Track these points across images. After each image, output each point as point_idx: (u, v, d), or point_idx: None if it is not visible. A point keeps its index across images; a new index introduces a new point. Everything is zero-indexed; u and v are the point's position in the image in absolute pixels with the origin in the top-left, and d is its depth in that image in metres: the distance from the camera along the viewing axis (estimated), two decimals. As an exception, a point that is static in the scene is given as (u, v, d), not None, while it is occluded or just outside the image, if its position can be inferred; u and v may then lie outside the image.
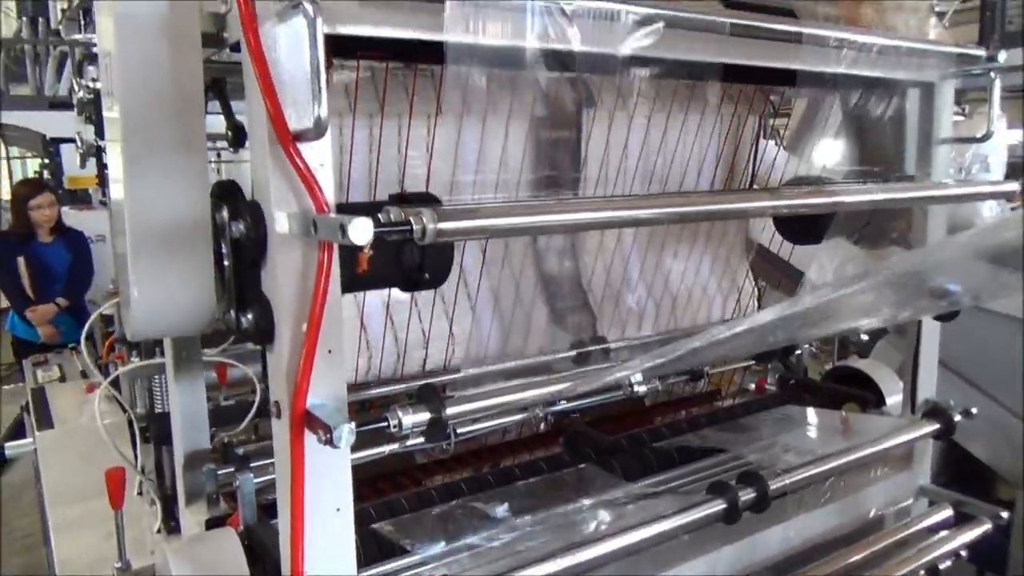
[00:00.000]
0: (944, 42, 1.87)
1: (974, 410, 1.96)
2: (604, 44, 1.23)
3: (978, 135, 2.04)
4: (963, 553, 1.92)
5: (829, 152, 2.12)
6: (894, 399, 2.18)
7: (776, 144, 2.61)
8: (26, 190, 5.07)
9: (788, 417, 2.07)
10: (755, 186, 2.24)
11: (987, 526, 1.92)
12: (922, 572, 1.91)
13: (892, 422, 2.04)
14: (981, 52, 1.86)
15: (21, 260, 4.85)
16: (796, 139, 2.59)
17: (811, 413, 2.08)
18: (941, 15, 2.09)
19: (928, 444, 2.04)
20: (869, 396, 2.19)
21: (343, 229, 0.90)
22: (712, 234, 2.27)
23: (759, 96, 2.17)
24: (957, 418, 1.92)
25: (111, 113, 1.24)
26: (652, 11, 1.27)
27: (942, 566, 1.92)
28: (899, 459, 2.03)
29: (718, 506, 1.46)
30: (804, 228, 2.04)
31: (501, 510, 1.42)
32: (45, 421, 2.89)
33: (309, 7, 0.93)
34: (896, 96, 1.95)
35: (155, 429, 2.07)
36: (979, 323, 3.04)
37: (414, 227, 0.96)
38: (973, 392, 3.14)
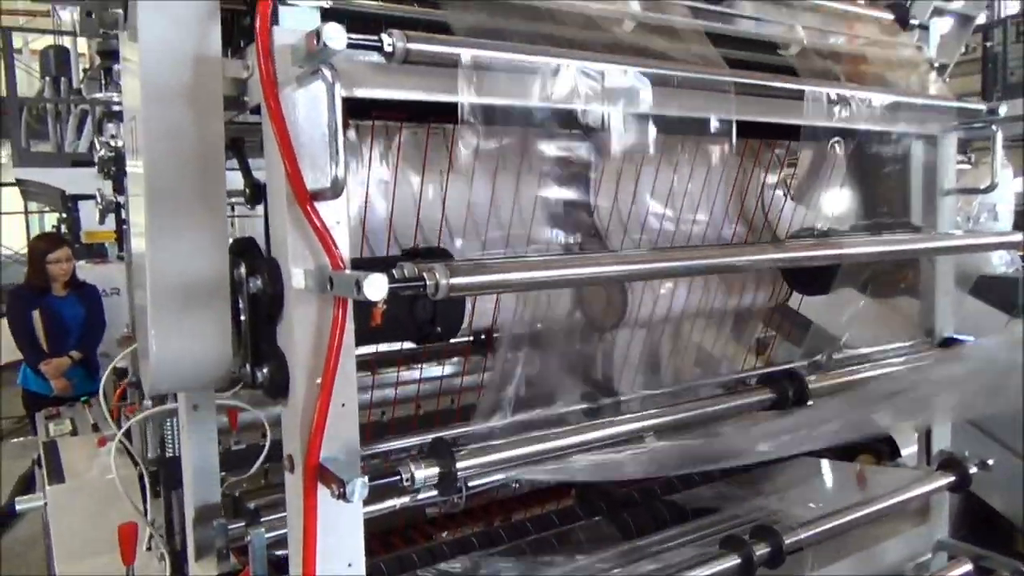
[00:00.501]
0: (945, 96, 1.91)
1: (990, 461, 1.94)
2: (608, 103, 1.27)
3: (982, 186, 2.06)
4: (985, 611, 1.88)
5: (836, 202, 2.14)
6: (909, 451, 2.16)
7: (784, 195, 2.64)
8: (45, 244, 5.16)
9: (802, 469, 2.04)
10: (766, 235, 2.25)
11: (1009, 583, 1.88)
12: (944, 630, 1.88)
13: (908, 474, 2.02)
14: (982, 106, 1.89)
15: (36, 314, 4.91)
16: (803, 189, 2.62)
17: (825, 465, 2.06)
18: (943, 68, 2.14)
19: (945, 496, 2.01)
20: (884, 448, 2.17)
21: (359, 285, 0.92)
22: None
23: (765, 149, 2.20)
24: (973, 470, 1.89)
25: (135, 169, 1.28)
26: (661, 71, 1.31)
27: (964, 623, 1.88)
28: (916, 512, 2.00)
29: (732, 561, 1.45)
30: (812, 278, 2.05)
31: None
32: (56, 475, 2.89)
33: (328, 73, 0.97)
34: (900, 147, 1.99)
35: (165, 474, 2.07)
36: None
37: (427, 283, 0.98)
38: (990, 443, 3.10)
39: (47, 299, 4.94)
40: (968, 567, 1.92)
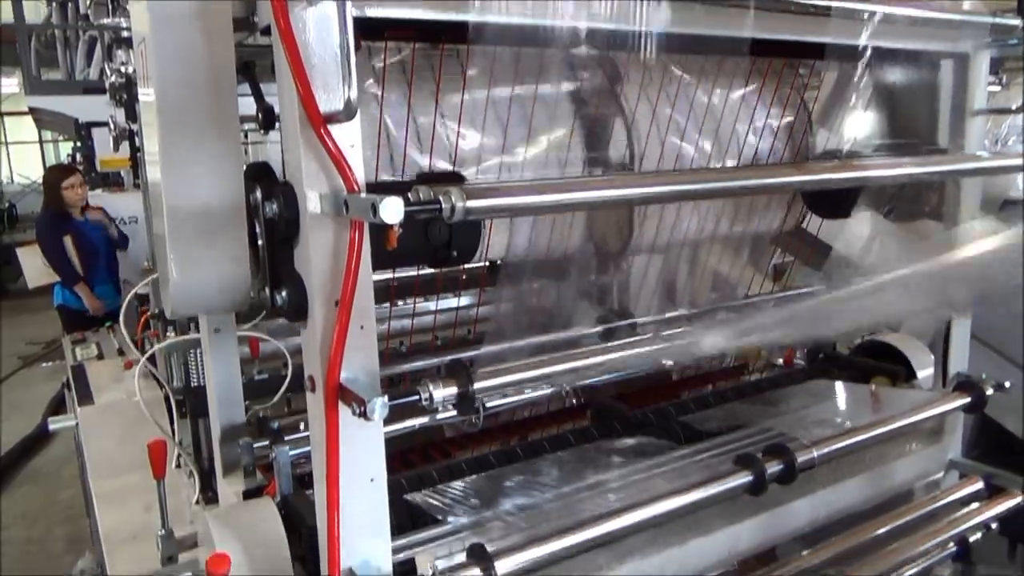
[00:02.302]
0: (979, 11, 1.83)
1: (1007, 383, 1.94)
2: (629, 21, 1.23)
3: (1014, 107, 2.00)
4: (993, 526, 1.91)
5: (860, 125, 2.09)
6: (925, 373, 2.17)
7: (807, 118, 2.58)
8: (58, 173, 5.48)
9: (816, 391, 2.06)
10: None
11: (1019, 499, 1.91)
12: (951, 544, 1.92)
13: (922, 395, 2.03)
14: (1017, 22, 1.82)
15: (68, 239, 5.11)
16: (826, 112, 2.56)
17: (839, 387, 2.08)
18: (976, -18, 2.04)
19: (959, 417, 2.02)
20: (899, 370, 2.17)
21: (374, 208, 0.92)
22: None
23: (787, 69, 2.14)
24: (989, 391, 1.90)
25: (146, 97, 1.27)
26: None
27: (972, 539, 1.92)
28: (929, 432, 2.02)
29: (744, 478, 1.47)
30: (833, 202, 2.02)
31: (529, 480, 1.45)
32: (85, 397, 2.98)
33: (338, -10, 0.95)
34: (929, 67, 1.92)
35: (191, 402, 2.14)
36: (1014, 296, 2.99)
37: (443, 205, 0.98)
38: (1007, 366, 3.10)
39: (73, 223, 5.19)
40: (979, 485, 1.95)
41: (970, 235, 1.83)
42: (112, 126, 4.18)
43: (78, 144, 7.65)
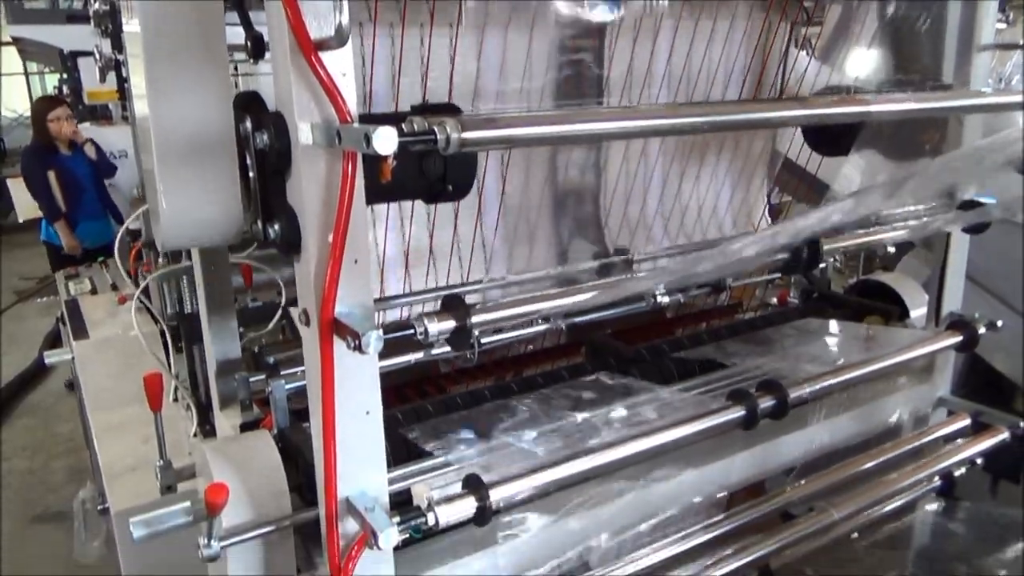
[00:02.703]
0: (988, -59, 1.77)
1: (999, 323, 1.95)
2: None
3: (1021, 41, 1.96)
4: (979, 461, 1.95)
5: (863, 62, 2.05)
6: (918, 312, 2.18)
7: (808, 54, 2.53)
8: (45, 104, 5.29)
9: (809, 329, 2.07)
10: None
11: (1004, 435, 1.95)
12: (936, 479, 1.96)
13: (914, 334, 2.04)
14: (1028, -49, 1.77)
15: (52, 174, 5.02)
16: (829, 48, 2.50)
17: (833, 325, 2.09)
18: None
19: (950, 356, 2.04)
20: (893, 309, 2.18)
21: (367, 138, 0.90)
22: (739, 148, 2.23)
23: (792, 3, 2.09)
24: (982, 330, 1.91)
25: (130, 27, 1.23)
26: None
27: (957, 473, 1.96)
28: (920, 371, 2.04)
29: (737, 413, 1.49)
30: (833, 139, 2.00)
31: (524, 414, 1.46)
32: (80, 331, 2.98)
33: (328, -93, 0.90)
34: (935, 1, 1.87)
35: (186, 329, 2.14)
36: (1009, 237, 2.99)
37: (438, 136, 0.96)
38: (999, 307, 3.12)
39: (58, 158, 5.10)
40: (966, 422, 1.98)
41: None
42: (97, 56, 4.07)
43: (64, 76, 7.48)
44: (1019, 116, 2.61)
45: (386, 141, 0.89)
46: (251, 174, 1.18)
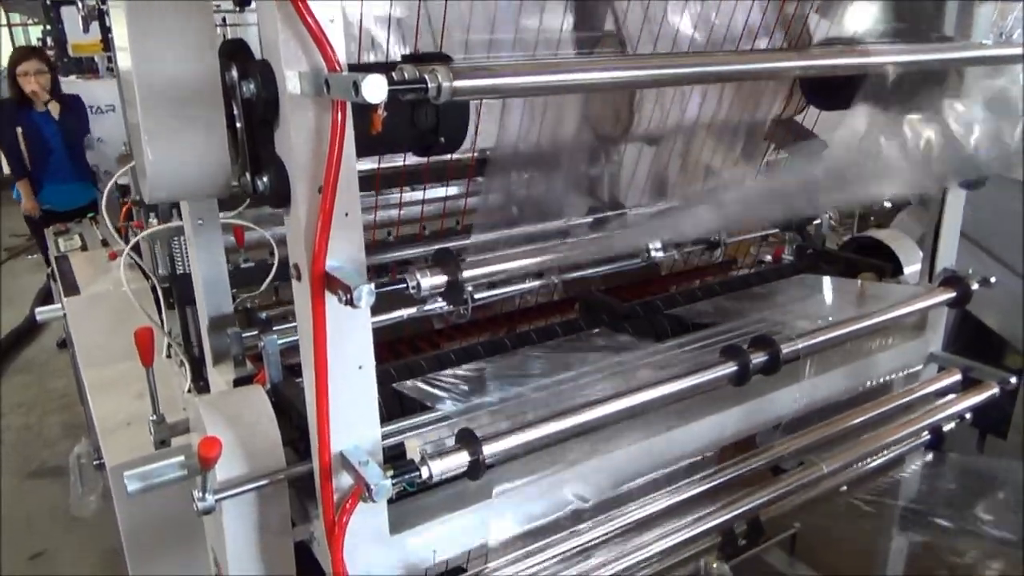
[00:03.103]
0: None
1: (992, 279, 1.95)
2: None
3: (1024, -7, 1.92)
4: (967, 416, 1.97)
5: (864, 15, 2.01)
6: (912, 268, 2.18)
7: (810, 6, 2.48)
8: (16, 57, 4.93)
9: (803, 286, 2.07)
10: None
11: (994, 390, 1.96)
12: (925, 433, 1.98)
13: (907, 290, 2.04)
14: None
15: (20, 130, 4.82)
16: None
17: (827, 282, 2.08)
18: None
19: (942, 312, 2.05)
20: (886, 265, 2.18)
21: (356, 87, 0.87)
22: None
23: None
24: (975, 287, 1.91)
25: (111, -29, 1.19)
26: None
27: (946, 428, 1.98)
28: (912, 327, 2.05)
29: (729, 368, 1.49)
30: (832, 92, 1.96)
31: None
32: (71, 287, 2.96)
33: None
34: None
35: (178, 290, 2.12)
36: (1004, 194, 2.97)
37: (429, 85, 0.93)
38: (993, 264, 3.12)
39: (29, 115, 4.81)
40: (956, 377, 1.99)
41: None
42: (80, 5, 3.96)
43: (47, 27, 7.30)
44: (1017, 70, 2.58)
45: (375, 89, 0.87)
46: (238, 125, 1.15)
